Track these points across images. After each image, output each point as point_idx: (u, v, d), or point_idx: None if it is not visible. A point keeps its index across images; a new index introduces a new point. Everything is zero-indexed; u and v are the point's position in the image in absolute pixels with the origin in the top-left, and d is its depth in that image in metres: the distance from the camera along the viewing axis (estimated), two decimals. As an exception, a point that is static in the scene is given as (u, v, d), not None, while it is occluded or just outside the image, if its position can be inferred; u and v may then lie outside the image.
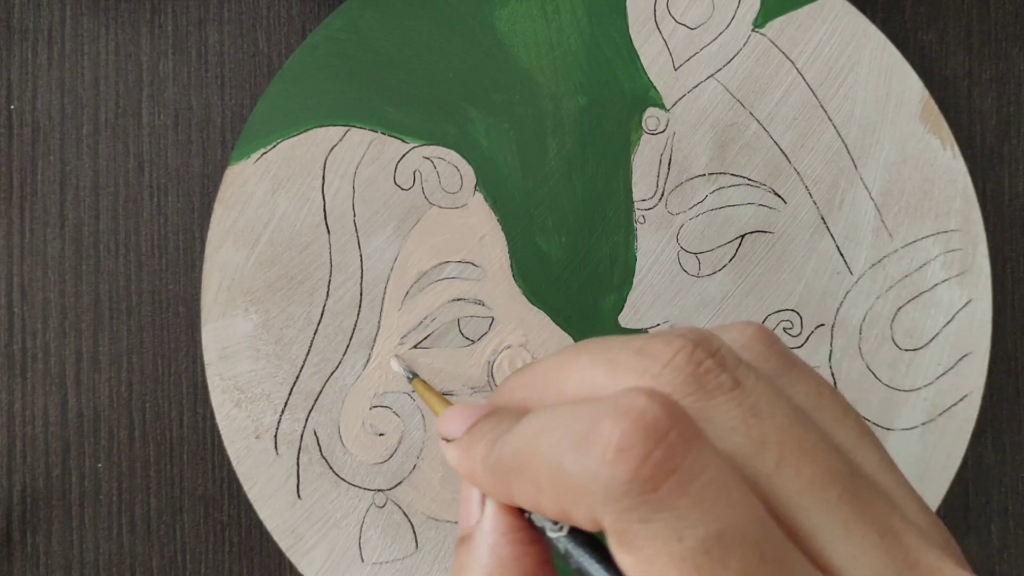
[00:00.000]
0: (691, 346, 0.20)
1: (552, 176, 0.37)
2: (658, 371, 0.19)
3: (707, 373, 0.19)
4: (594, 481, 0.17)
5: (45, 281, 0.38)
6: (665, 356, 0.20)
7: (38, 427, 0.37)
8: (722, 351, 0.20)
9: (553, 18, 0.36)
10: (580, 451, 0.18)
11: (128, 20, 0.38)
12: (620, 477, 0.17)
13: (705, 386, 0.19)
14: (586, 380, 0.21)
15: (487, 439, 0.21)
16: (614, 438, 0.17)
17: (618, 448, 0.17)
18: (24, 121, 0.38)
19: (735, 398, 0.19)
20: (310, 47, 0.36)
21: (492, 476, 0.21)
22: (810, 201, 0.37)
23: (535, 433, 0.19)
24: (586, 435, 0.18)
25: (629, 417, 0.17)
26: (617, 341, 0.21)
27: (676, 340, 0.20)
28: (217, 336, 0.36)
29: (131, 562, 0.38)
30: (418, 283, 0.36)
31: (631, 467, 0.17)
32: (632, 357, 0.20)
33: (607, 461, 0.17)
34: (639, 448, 0.17)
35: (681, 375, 0.19)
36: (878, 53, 0.37)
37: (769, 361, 0.21)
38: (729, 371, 0.20)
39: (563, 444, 0.18)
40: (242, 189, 0.36)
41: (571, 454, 0.18)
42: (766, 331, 0.22)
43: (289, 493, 0.36)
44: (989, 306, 0.37)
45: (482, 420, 0.22)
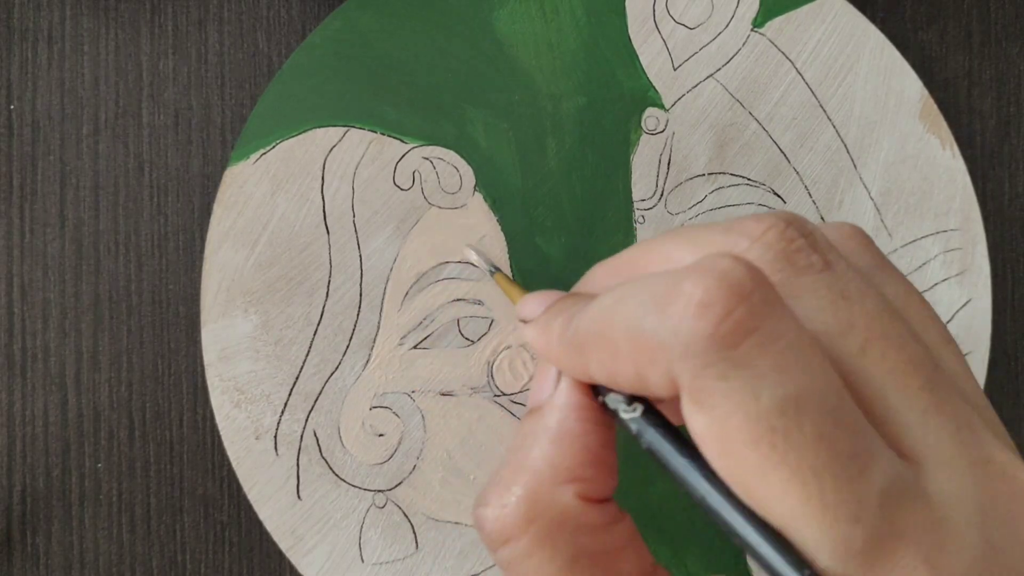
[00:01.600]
0: (783, 224, 0.19)
1: (551, 176, 0.37)
2: (747, 246, 0.19)
3: (798, 251, 0.19)
4: (674, 336, 0.17)
5: (45, 281, 0.38)
6: (755, 232, 0.19)
7: (38, 427, 0.38)
8: (815, 234, 0.20)
9: (552, 18, 0.36)
10: (660, 309, 0.18)
11: (128, 20, 0.38)
12: (701, 332, 0.17)
13: (795, 263, 0.19)
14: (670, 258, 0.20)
15: (565, 315, 0.21)
16: (696, 294, 0.17)
17: (700, 303, 0.17)
18: (24, 121, 0.38)
19: (825, 279, 0.19)
20: (309, 47, 0.36)
21: (569, 348, 0.21)
22: (809, 201, 0.37)
23: (614, 302, 0.19)
24: (666, 294, 0.18)
25: (712, 275, 0.17)
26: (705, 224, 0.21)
27: (768, 217, 0.19)
28: (217, 337, 0.36)
29: (131, 562, 0.38)
30: (418, 283, 0.36)
31: (712, 322, 0.17)
32: (719, 235, 0.20)
33: (688, 316, 0.17)
34: (721, 304, 0.17)
35: (771, 251, 0.19)
36: (877, 53, 0.37)
37: (863, 258, 0.21)
38: (821, 252, 0.19)
39: (642, 306, 0.18)
40: (241, 190, 0.36)
41: (651, 314, 0.18)
42: (862, 231, 0.22)
43: (289, 494, 0.36)
44: (989, 306, 0.37)
45: (560, 300, 0.23)
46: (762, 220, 0.20)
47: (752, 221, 0.20)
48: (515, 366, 0.36)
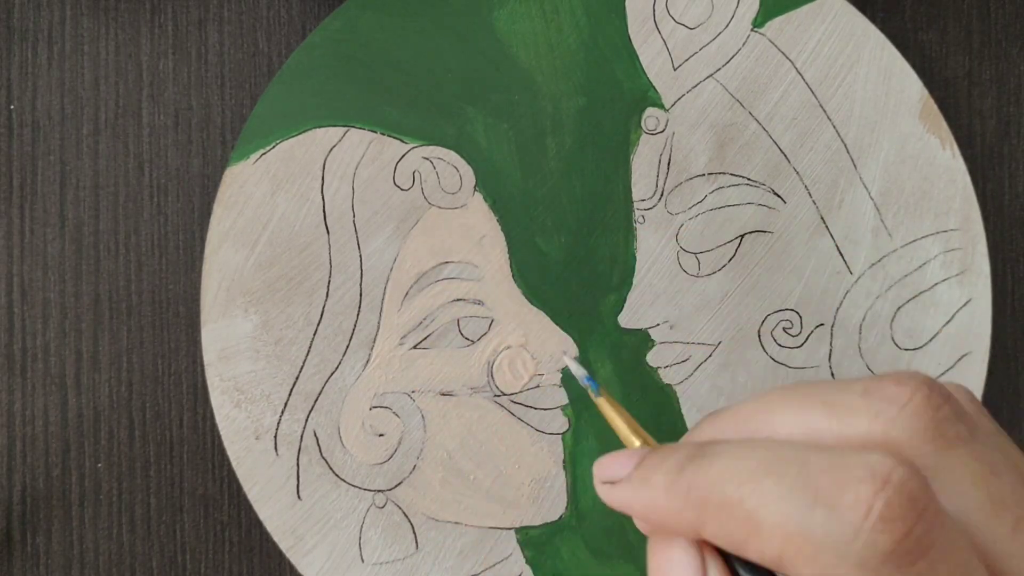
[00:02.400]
0: (926, 388, 0.19)
1: (551, 176, 0.37)
2: (894, 414, 0.19)
3: (945, 421, 0.19)
4: (848, 545, 0.17)
5: (45, 281, 0.38)
6: (901, 398, 0.19)
7: (38, 427, 0.38)
8: (955, 397, 0.19)
9: (552, 18, 0.36)
10: (831, 511, 0.17)
11: (128, 20, 0.38)
12: (882, 547, 0.17)
13: (945, 434, 0.18)
14: (802, 423, 0.20)
15: (668, 464, 0.20)
16: (878, 506, 0.17)
17: (883, 517, 0.17)
18: (24, 121, 0.38)
19: (973, 451, 0.19)
20: (309, 48, 0.36)
21: (683, 503, 0.19)
22: (809, 201, 0.37)
23: (749, 471, 0.18)
24: (838, 494, 0.17)
25: (892, 485, 0.17)
26: (832, 383, 0.20)
27: (910, 381, 0.19)
28: (217, 337, 0.36)
29: (131, 562, 0.38)
30: (417, 283, 0.36)
31: (895, 539, 0.17)
32: (857, 399, 0.19)
33: (869, 528, 0.17)
34: (904, 521, 0.17)
35: (920, 420, 0.18)
36: (877, 53, 0.37)
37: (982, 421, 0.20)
38: (965, 421, 0.19)
39: (802, 496, 0.17)
40: (241, 190, 0.36)
41: (816, 510, 0.17)
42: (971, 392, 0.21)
43: (289, 494, 0.36)
44: (989, 306, 0.37)
45: (652, 453, 0.21)
46: (903, 383, 0.19)
47: (892, 384, 0.19)
48: (515, 366, 0.36)
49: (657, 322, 0.37)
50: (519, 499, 0.36)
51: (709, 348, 0.37)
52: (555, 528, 0.36)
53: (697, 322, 0.37)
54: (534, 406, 0.36)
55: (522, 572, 0.36)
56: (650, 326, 0.37)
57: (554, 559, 0.36)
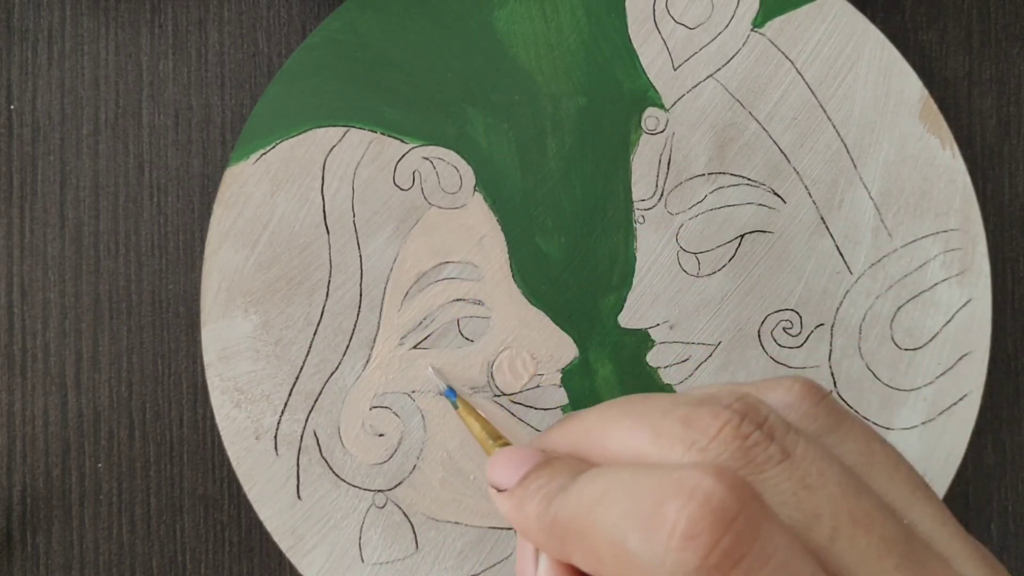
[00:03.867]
0: (738, 418, 0.19)
1: (551, 176, 0.37)
2: (705, 444, 0.19)
3: (755, 446, 0.19)
4: (660, 566, 0.17)
5: (45, 281, 0.38)
6: (712, 429, 0.19)
7: (38, 427, 0.38)
8: (770, 420, 0.20)
9: (552, 18, 0.36)
10: (644, 532, 0.17)
11: (128, 20, 0.38)
12: (687, 565, 0.17)
13: (754, 460, 0.19)
14: (629, 444, 0.20)
15: (541, 495, 0.21)
16: (680, 524, 0.17)
17: (685, 535, 0.17)
18: (24, 121, 0.38)
19: (785, 470, 0.19)
20: (309, 48, 0.36)
21: (548, 535, 0.20)
22: (809, 201, 0.37)
23: (594, 500, 0.19)
24: (650, 515, 0.17)
25: (695, 500, 0.17)
26: (660, 406, 0.20)
27: (723, 412, 0.19)
28: (217, 337, 0.36)
29: (131, 562, 0.38)
30: (417, 283, 0.36)
31: (699, 555, 0.17)
32: (677, 426, 0.20)
33: (673, 547, 0.17)
34: (707, 535, 0.17)
35: (729, 450, 0.19)
36: (877, 53, 0.37)
37: (818, 420, 0.21)
38: (778, 441, 0.19)
39: (625, 520, 0.18)
40: (241, 190, 0.36)
41: (635, 533, 0.18)
42: (813, 386, 0.22)
43: (289, 494, 0.36)
44: (989, 306, 0.37)
45: (535, 472, 0.22)
46: (717, 415, 0.19)
47: (708, 415, 0.20)
48: (515, 366, 0.36)
49: (657, 322, 0.37)
50: (519, 499, 0.36)
51: (709, 348, 0.37)
52: (555, 528, 0.36)
53: (697, 322, 0.37)
54: (534, 406, 0.36)
55: (522, 572, 0.36)
56: (650, 326, 0.37)
57: (554, 559, 0.36)
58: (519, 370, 0.36)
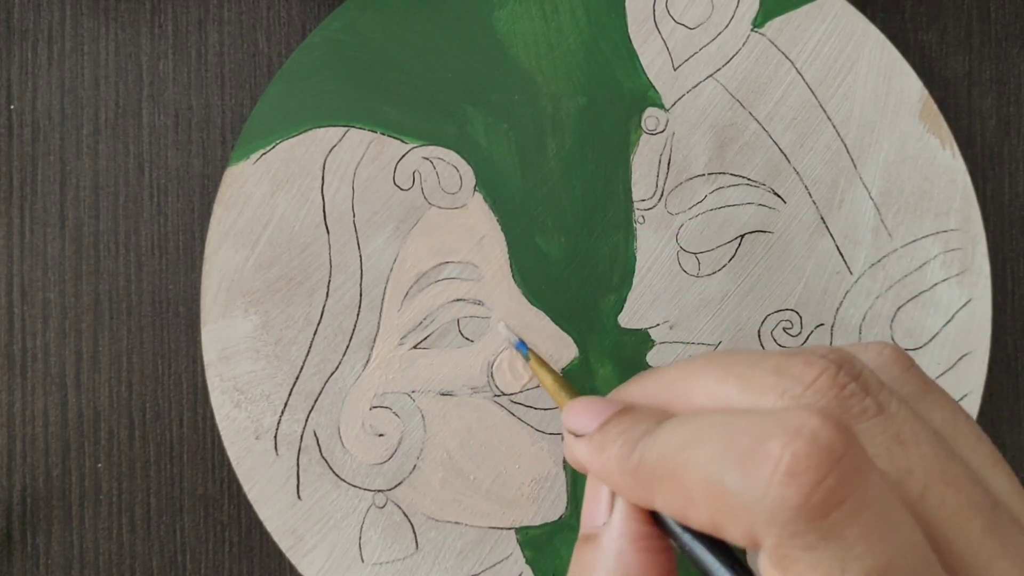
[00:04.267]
0: (834, 368, 0.19)
1: (551, 176, 0.37)
2: (800, 392, 0.19)
3: (852, 396, 0.19)
4: (760, 502, 0.17)
5: (45, 281, 0.38)
6: (808, 377, 0.19)
7: (38, 427, 0.38)
8: (864, 374, 0.19)
9: (552, 18, 0.36)
10: (745, 468, 0.17)
11: (128, 20, 0.38)
12: (790, 501, 0.17)
13: (850, 410, 0.19)
14: (716, 394, 0.20)
15: (624, 438, 0.21)
16: (785, 459, 0.17)
17: (789, 471, 0.17)
18: (24, 121, 0.38)
19: (880, 424, 0.19)
20: (309, 48, 0.36)
21: (633, 479, 0.20)
22: (809, 201, 0.37)
23: (686, 441, 0.19)
24: (751, 451, 0.17)
25: (801, 438, 0.17)
26: (748, 356, 0.20)
27: (819, 361, 0.19)
28: (217, 337, 0.36)
29: (131, 562, 0.38)
30: (418, 283, 0.36)
31: (803, 492, 0.17)
32: (769, 375, 0.19)
33: (776, 483, 0.17)
34: (812, 473, 0.17)
35: (825, 398, 0.19)
36: (877, 53, 0.37)
37: (907, 385, 0.21)
38: (873, 395, 0.19)
39: (723, 458, 0.18)
40: (241, 190, 0.36)
41: (734, 470, 0.17)
42: (903, 353, 0.21)
43: (289, 494, 0.36)
44: (989, 306, 0.37)
45: (616, 417, 0.22)
46: (813, 363, 0.19)
47: (802, 363, 0.19)
48: (515, 366, 0.36)
49: (657, 322, 0.37)
50: (519, 499, 0.36)
51: (709, 348, 0.37)
52: (555, 528, 0.36)
53: (697, 322, 0.37)
54: (534, 406, 0.36)
55: (522, 572, 0.36)
56: (650, 326, 0.37)
57: (554, 559, 0.36)
58: (519, 370, 0.36)
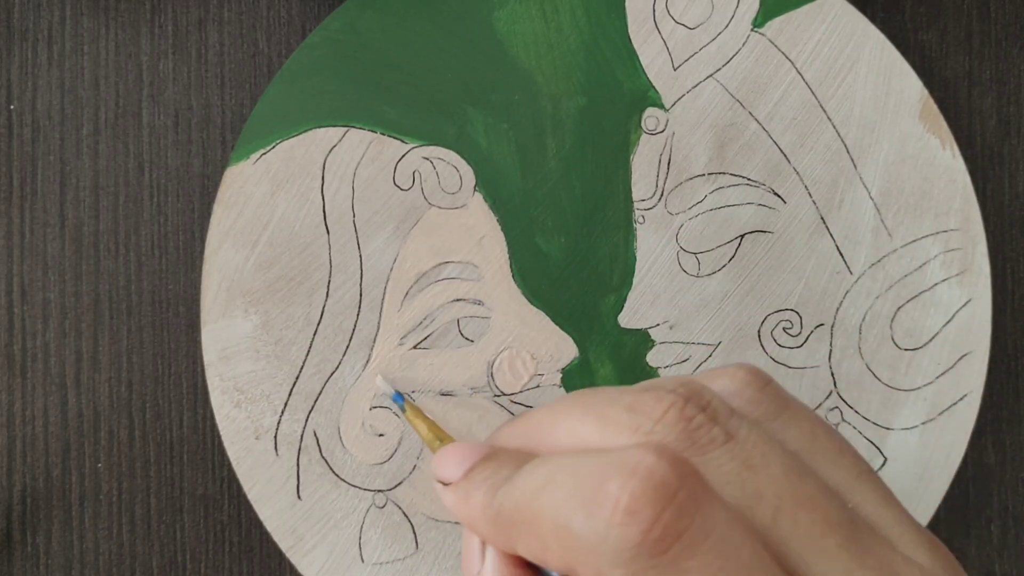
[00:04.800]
0: (681, 402, 0.20)
1: (551, 176, 0.37)
2: (649, 428, 0.19)
3: (699, 428, 0.19)
4: (603, 543, 0.17)
5: (45, 281, 0.38)
6: (656, 412, 0.19)
7: (38, 427, 0.38)
8: (713, 404, 0.20)
9: (552, 18, 0.36)
10: (587, 511, 0.17)
11: (128, 20, 0.38)
12: (629, 540, 0.17)
13: (698, 441, 0.19)
14: (576, 433, 0.20)
15: (486, 486, 0.21)
16: (623, 499, 0.17)
17: (627, 510, 0.17)
18: (24, 121, 0.38)
19: (728, 451, 0.19)
20: (309, 48, 0.36)
21: (493, 527, 0.21)
22: (809, 201, 0.37)
23: (538, 487, 0.19)
24: (593, 494, 0.17)
25: (637, 477, 0.17)
26: (608, 396, 0.21)
27: (666, 396, 0.20)
28: (217, 337, 0.36)
29: (131, 562, 0.38)
30: (418, 284, 0.36)
31: (640, 530, 0.17)
32: (623, 414, 0.20)
33: (615, 523, 0.17)
34: (648, 510, 0.17)
35: (673, 432, 0.19)
36: (877, 53, 0.37)
37: (762, 405, 0.21)
38: (721, 424, 0.19)
39: (569, 502, 0.18)
40: (241, 190, 0.36)
41: (578, 513, 0.18)
42: (758, 373, 0.22)
43: (289, 494, 0.36)
44: (989, 306, 0.37)
45: (480, 464, 0.22)
46: (661, 399, 0.20)
47: (652, 399, 0.20)
48: (515, 366, 0.36)
49: (657, 322, 0.37)
50: (519, 499, 0.36)
51: (709, 348, 0.37)
52: (555, 528, 0.36)
53: (697, 322, 0.37)
54: (534, 406, 0.36)
55: (522, 572, 0.36)
56: (650, 326, 0.37)
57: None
58: (519, 370, 0.36)
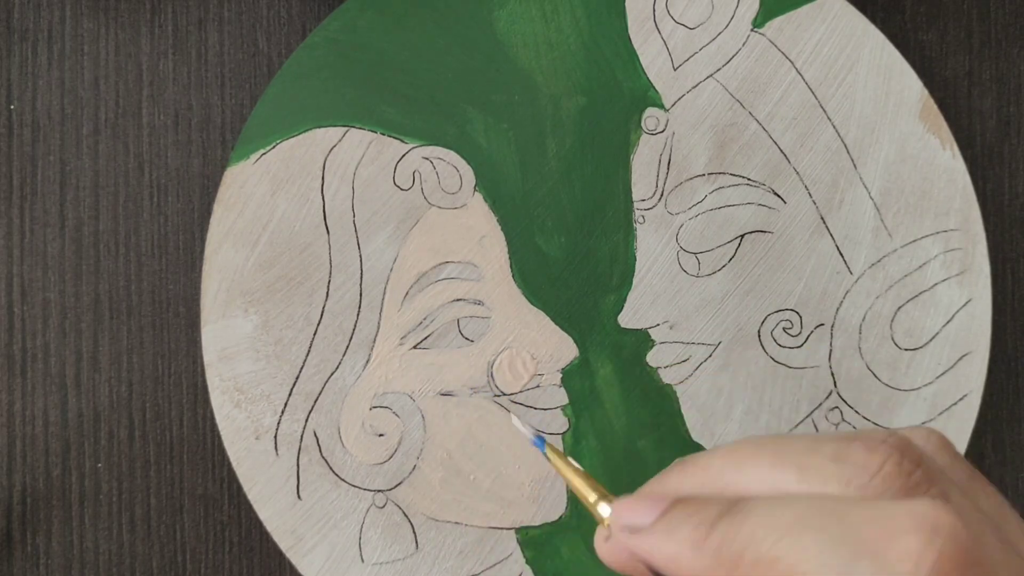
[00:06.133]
0: (897, 455, 0.19)
1: (551, 176, 0.37)
2: (866, 481, 0.18)
3: (918, 486, 0.18)
4: None
5: (45, 281, 0.38)
6: (872, 465, 0.19)
7: (38, 427, 0.38)
8: (926, 460, 0.19)
9: (552, 18, 0.36)
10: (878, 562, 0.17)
11: (128, 20, 0.38)
12: None
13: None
14: (772, 483, 0.20)
15: (696, 520, 0.20)
16: (928, 558, 0.16)
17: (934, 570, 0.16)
18: (24, 121, 0.38)
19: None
20: (309, 48, 0.36)
21: (713, 564, 0.19)
22: (809, 201, 0.37)
23: (787, 524, 0.18)
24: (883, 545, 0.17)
25: (942, 536, 0.17)
26: (803, 444, 0.20)
27: (880, 446, 0.19)
28: (217, 337, 0.36)
29: (131, 562, 0.38)
30: (418, 283, 0.36)
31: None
32: (828, 464, 0.19)
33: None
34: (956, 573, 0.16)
35: (892, 487, 0.18)
36: (877, 53, 0.37)
37: (956, 472, 0.21)
38: (937, 484, 0.19)
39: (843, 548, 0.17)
40: (241, 190, 0.36)
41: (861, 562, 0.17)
42: (948, 440, 0.21)
43: (289, 494, 0.36)
44: (989, 306, 0.37)
45: (678, 506, 0.21)
46: (874, 450, 0.19)
47: (864, 450, 0.19)
48: (515, 366, 0.36)
49: (657, 322, 0.37)
50: (519, 499, 0.36)
51: (709, 348, 0.37)
52: (555, 528, 0.36)
53: (697, 322, 0.37)
54: (534, 406, 0.36)
55: (522, 572, 0.36)
56: (650, 326, 0.37)
57: (554, 559, 0.36)
58: (519, 370, 0.36)
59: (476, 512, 0.36)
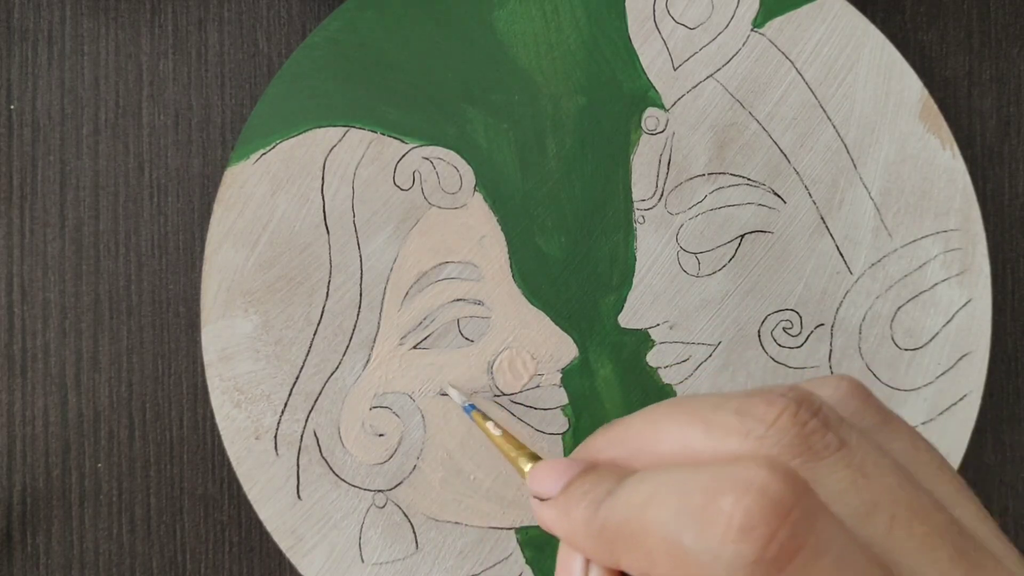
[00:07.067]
0: (794, 406, 0.19)
1: (551, 176, 0.37)
2: (762, 433, 0.19)
3: (813, 434, 0.19)
4: (715, 561, 0.17)
5: (45, 281, 0.38)
6: (768, 417, 0.19)
7: (38, 427, 0.38)
8: (824, 409, 0.20)
9: (552, 18, 0.36)
10: (699, 527, 0.17)
11: (128, 20, 0.38)
12: (744, 558, 0.17)
13: (812, 447, 0.19)
14: (682, 440, 0.20)
15: (588, 500, 0.21)
16: (737, 516, 0.17)
17: (741, 527, 0.17)
18: (24, 121, 0.38)
19: (843, 458, 0.19)
20: (309, 48, 0.36)
21: (597, 542, 0.20)
22: (809, 201, 0.37)
23: (644, 501, 0.19)
24: (704, 510, 0.17)
25: (751, 492, 0.17)
26: (712, 401, 0.20)
27: (779, 399, 0.19)
28: (217, 337, 0.36)
29: (131, 562, 0.38)
30: (418, 283, 0.36)
31: (756, 547, 0.17)
32: (731, 418, 0.19)
33: (729, 540, 0.17)
34: (764, 527, 0.17)
35: (787, 436, 0.19)
36: (877, 53, 0.37)
37: (866, 417, 0.21)
38: (834, 430, 0.19)
39: (678, 517, 0.18)
40: (241, 190, 0.36)
41: (689, 529, 0.17)
42: (860, 385, 0.22)
43: (289, 494, 0.36)
44: (989, 306, 0.37)
45: (579, 478, 0.22)
46: (773, 403, 0.19)
47: (763, 403, 0.19)
48: (515, 366, 0.36)
49: (657, 322, 0.37)
50: (519, 499, 0.36)
51: (709, 348, 0.37)
52: (555, 528, 0.36)
53: (697, 322, 0.37)
54: (534, 406, 0.36)
55: (522, 572, 0.36)
56: (650, 326, 0.37)
57: (554, 559, 0.36)
58: (519, 370, 0.36)
59: (476, 512, 0.36)
